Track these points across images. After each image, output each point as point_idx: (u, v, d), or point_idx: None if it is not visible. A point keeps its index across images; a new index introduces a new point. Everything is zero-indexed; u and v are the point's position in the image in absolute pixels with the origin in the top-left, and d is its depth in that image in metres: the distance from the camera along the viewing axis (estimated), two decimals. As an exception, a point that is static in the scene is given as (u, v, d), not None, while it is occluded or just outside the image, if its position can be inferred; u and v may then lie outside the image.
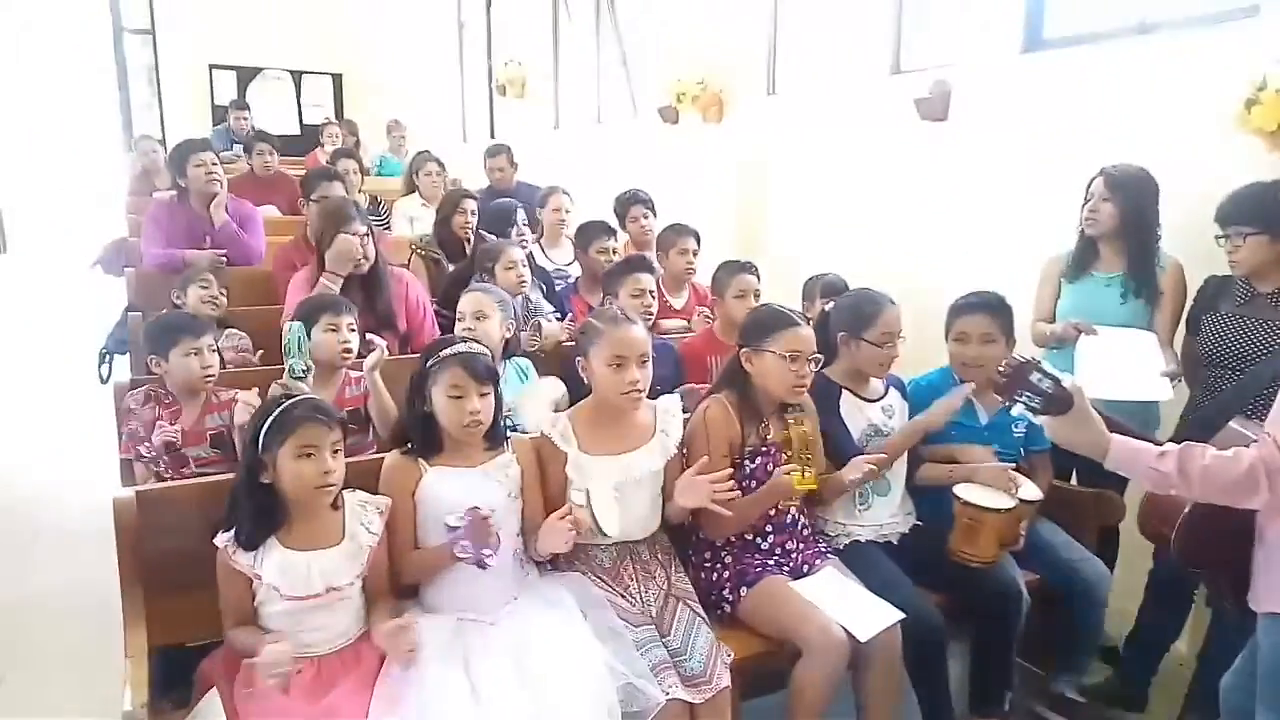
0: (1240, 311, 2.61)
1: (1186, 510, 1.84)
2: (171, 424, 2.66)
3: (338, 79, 11.66)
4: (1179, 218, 2.86)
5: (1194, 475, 1.65)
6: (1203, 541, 1.85)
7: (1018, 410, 1.79)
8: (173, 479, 2.56)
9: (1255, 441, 1.65)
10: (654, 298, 3.38)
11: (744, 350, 2.45)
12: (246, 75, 11.07)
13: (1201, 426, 1.99)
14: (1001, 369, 1.81)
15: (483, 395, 2.17)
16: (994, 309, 2.70)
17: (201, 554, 2.00)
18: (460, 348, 2.20)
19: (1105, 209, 2.86)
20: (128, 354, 3.81)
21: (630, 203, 4.49)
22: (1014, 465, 2.59)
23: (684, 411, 2.51)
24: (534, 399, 2.84)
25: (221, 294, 3.41)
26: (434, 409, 2.18)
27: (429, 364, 2.19)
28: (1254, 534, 1.77)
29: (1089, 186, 2.94)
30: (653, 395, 2.39)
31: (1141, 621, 2.85)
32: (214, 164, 4.14)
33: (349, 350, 2.83)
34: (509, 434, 2.34)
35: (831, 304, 2.82)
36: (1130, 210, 2.84)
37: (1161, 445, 1.73)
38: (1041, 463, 2.80)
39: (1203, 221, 2.62)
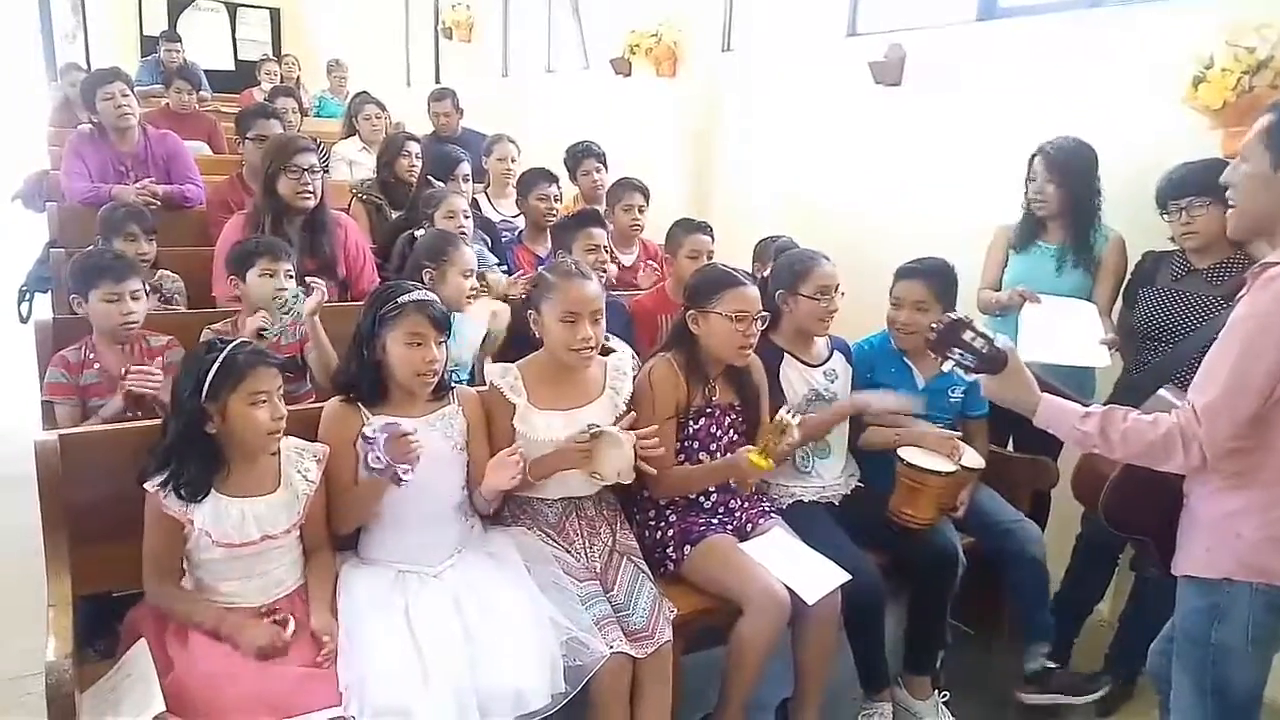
0: (1176, 286, 2.65)
1: (1114, 475, 1.89)
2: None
3: (275, 14, 11.23)
4: (1120, 189, 2.90)
5: (1114, 437, 1.71)
6: (1130, 506, 1.90)
7: (949, 367, 1.83)
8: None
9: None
10: (607, 253, 3.33)
11: (690, 312, 2.43)
12: (178, 5, 10.59)
13: (1132, 394, 2.02)
14: (934, 326, 1.83)
15: (438, 344, 2.13)
16: (930, 276, 2.71)
17: (129, 499, 1.93)
18: (418, 295, 2.16)
19: (1050, 190, 2.89)
20: (49, 292, 3.64)
21: (582, 156, 4.40)
22: (958, 435, 2.63)
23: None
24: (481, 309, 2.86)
25: (150, 242, 3.23)
26: (386, 356, 2.12)
27: (385, 310, 2.12)
28: (1180, 500, 1.82)
29: (1030, 164, 2.94)
30: (604, 352, 2.37)
31: (1067, 583, 2.94)
32: (124, 95, 3.88)
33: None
34: (453, 386, 2.30)
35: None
36: (1072, 188, 2.87)
37: (1089, 406, 1.77)
38: (978, 428, 2.83)
39: (1144, 193, 2.66)
